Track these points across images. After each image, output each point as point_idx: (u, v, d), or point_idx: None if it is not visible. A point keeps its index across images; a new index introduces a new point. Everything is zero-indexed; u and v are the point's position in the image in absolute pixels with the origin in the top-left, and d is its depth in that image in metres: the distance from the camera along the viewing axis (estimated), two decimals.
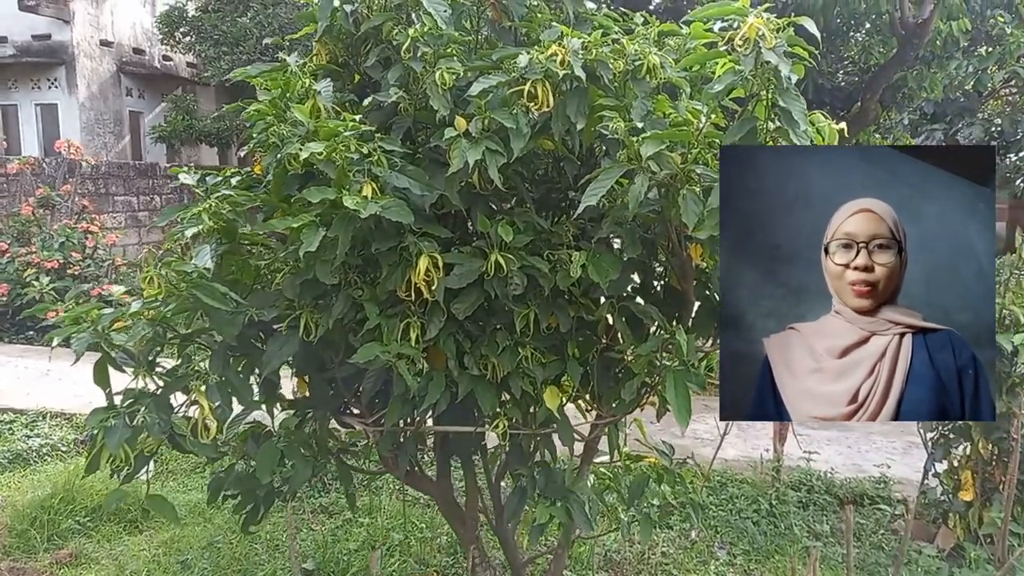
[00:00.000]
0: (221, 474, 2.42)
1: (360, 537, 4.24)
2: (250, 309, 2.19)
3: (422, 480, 2.98)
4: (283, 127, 2.11)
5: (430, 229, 2.20)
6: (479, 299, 2.25)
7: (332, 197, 1.93)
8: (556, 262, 2.28)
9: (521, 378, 2.34)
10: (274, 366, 2.20)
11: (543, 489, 2.60)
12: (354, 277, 2.25)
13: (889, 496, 4.97)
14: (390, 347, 2.14)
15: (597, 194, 1.86)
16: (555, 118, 2.09)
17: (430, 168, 2.23)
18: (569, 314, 2.34)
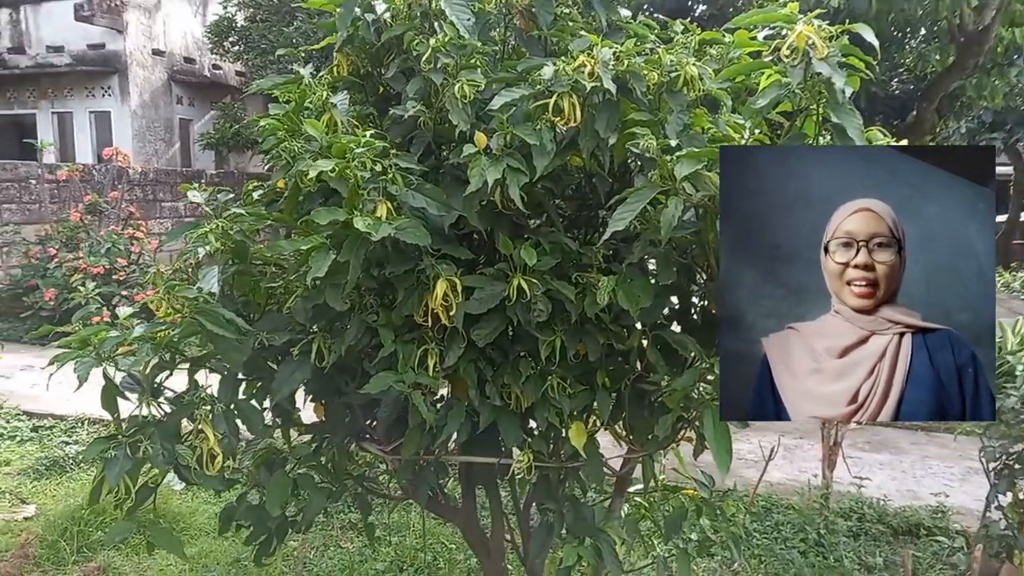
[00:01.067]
0: (234, 503, 2.32)
1: (388, 557, 4.13)
2: (260, 334, 2.09)
3: (445, 508, 2.85)
4: (295, 142, 2.00)
5: (449, 250, 2.07)
6: (501, 325, 2.11)
7: (342, 219, 1.81)
8: (584, 286, 2.13)
9: (547, 409, 2.20)
10: (285, 393, 2.09)
11: (571, 526, 2.44)
12: (370, 300, 2.12)
13: (947, 527, 4.68)
14: (405, 376, 2.01)
15: (625, 218, 1.71)
16: (583, 134, 1.94)
17: (450, 186, 2.10)
18: (599, 341, 2.18)
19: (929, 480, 5.58)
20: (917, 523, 4.71)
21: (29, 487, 4.96)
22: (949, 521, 4.75)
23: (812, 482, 4.94)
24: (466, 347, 2.12)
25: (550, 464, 2.35)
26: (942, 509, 4.84)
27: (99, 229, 10.59)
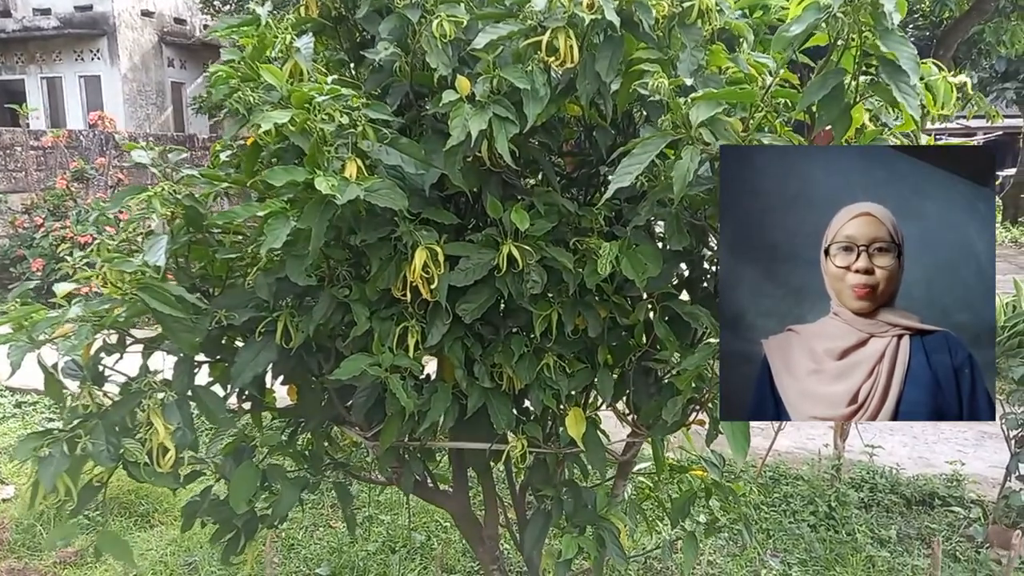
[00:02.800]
0: (197, 498, 2.10)
1: (380, 538, 3.94)
2: (219, 311, 1.85)
3: (435, 493, 2.63)
4: (250, 92, 1.74)
5: (430, 214, 1.82)
6: (490, 299, 1.87)
7: (301, 179, 1.55)
8: (583, 253, 1.89)
9: (542, 390, 1.97)
10: (247, 378, 1.85)
11: (571, 513, 2.23)
12: (342, 272, 1.88)
13: (963, 497, 4.50)
14: (381, 358, 1.78)
15: (631, 173, 1.45)
16: (581, 76, 1.68)
17: (431, 141, 1.84)
18: (600, 315, 1.94)
19: (942, 446, 5.39)
20: (931, 492, 4.53)
21: (9, 467, 4.77)
22: (964, 490, 4.57)
23: (823, 452, 4.75)
24: (451, 323, 1.88)
25: (546, 450, 2.13)
26: (957, 477, 4.65)
27: (86, 197, 10.29)
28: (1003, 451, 5.23)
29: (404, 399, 1.74)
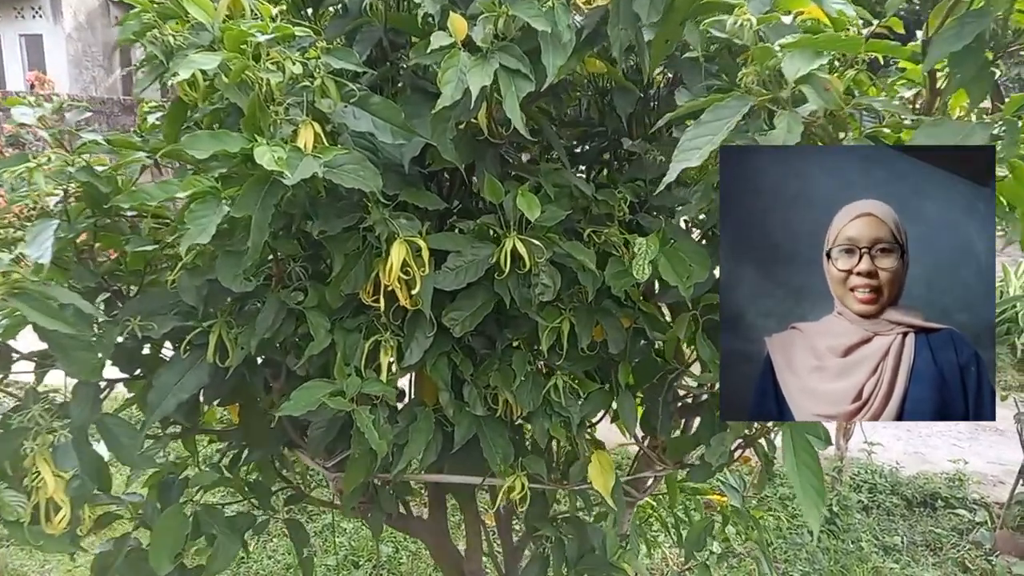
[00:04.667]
0: (109, 548, 1.67)
1: (341, 549, 3.55)
2: (132, 320, 1.41)
3: (407, 520, 2.23)
4: (171, 33, 1.29)
5: (410, 197, 1.41)
6: (486, 306, 1.47)
7: (236, 149, 1.12)
8: (601, 246, 1.49)
9: (548, 418, 1.58)
10: (168, 407, 1.42)
11: (573, 559, 1.85)
12: (296, 270, 1.46)
13: (965, 497, 4.25)
14: (346, 384, 1.36)
15: (700, 148, 1.04)
16: (614, 19, 1.26)
17: (413, 102, 1.42)
18: (621, 325, 1.55)
19: (936, 440, 5.15)
20: (933, 493, 4.27)
21: None
22: (967, 490, 4.33)
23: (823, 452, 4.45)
24: (436, 336, 1.48)
25: (551, 486, 1.74)
26: (959, 477, 4.41)
27: None
28: (999, 445, 5.02)
29: (375, 440, 1.33)
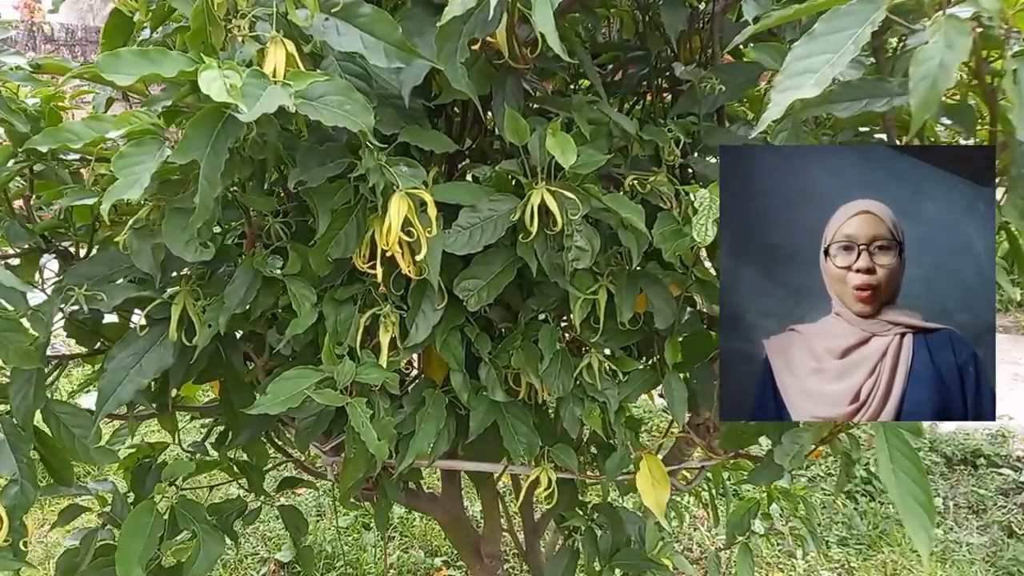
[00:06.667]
0: (76, 545, 1.46)
1: (351, 513, 3.37)
2: (78, 288, 1.16)
3: (418, 498, 2.02)
4: None
5: (412, 138, 1.13)
6: (507, 273, 1.20)
7: (174, 73, 0.84)
8: (645, 196, 1.22)
9: (581, 403, 1.33)
10: (124, 395, 1.18)
11: (607, 552, 1.63)
12: (274, 228, 1.19)
13: (1009, 455, 4.01)
14: (337, 372, 1.11)
15: (817, 71, 0.74)
16: None
17: (413, 15, 1.12)
18: (671, 294, 1.28)
19: None
20: (975, 450, 4.03)
21: None
22: (1011, 447, 4.08)
23: None
24: (446, 308, 1.22)
25: (579, 475, 1.50)
26: (1004, 433, 4.16)
27: None
28: None
29: (374, 442, 1.08)
